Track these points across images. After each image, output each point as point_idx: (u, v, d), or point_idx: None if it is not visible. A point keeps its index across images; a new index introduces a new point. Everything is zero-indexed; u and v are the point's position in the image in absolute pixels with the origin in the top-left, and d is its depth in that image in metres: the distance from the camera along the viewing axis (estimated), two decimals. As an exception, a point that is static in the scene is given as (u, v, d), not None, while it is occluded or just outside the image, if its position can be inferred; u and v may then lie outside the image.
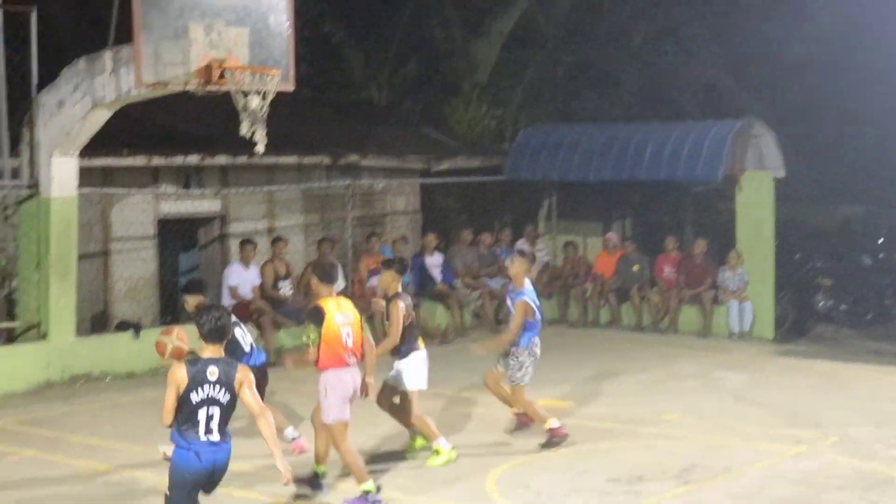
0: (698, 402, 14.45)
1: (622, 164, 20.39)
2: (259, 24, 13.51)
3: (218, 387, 8.01)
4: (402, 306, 11.45)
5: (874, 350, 18.14)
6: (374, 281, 18.11)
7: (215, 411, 8.01)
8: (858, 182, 27.54)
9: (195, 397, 7.96)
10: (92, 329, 16.77)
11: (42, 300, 15.45)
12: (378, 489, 10.32)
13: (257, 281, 17.32)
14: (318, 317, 10.22)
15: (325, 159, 19.91)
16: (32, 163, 15.40)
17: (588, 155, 20.89)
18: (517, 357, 12.19)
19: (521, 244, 21.18)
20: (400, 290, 11.63)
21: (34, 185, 15.38)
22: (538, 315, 12.26)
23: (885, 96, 26.23)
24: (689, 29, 26.10)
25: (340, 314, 10.33)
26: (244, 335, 11.23)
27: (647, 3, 26.07)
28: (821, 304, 20.58)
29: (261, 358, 11.31)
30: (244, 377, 8.13)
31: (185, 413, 7.98)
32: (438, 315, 19.59)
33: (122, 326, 12.20)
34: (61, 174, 15.27)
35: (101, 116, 14.68)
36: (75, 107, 14.61)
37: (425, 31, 26.06)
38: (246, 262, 17.47)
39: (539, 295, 12.76)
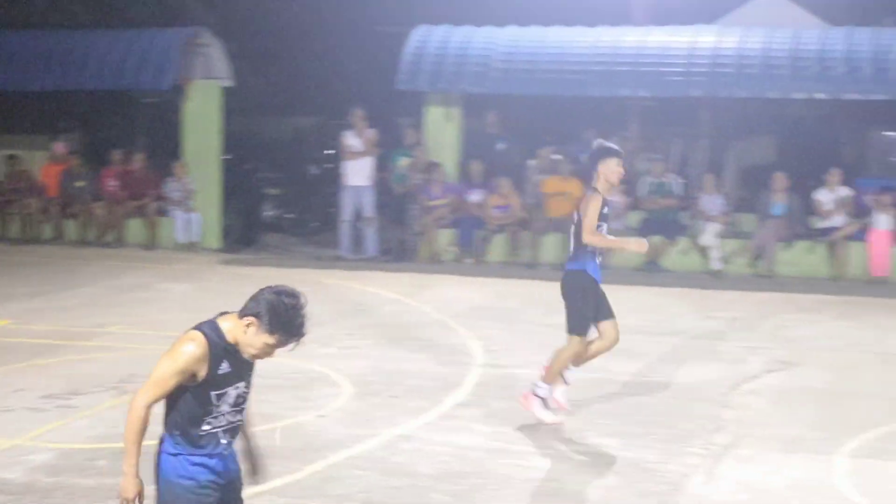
0: (142, 313, 14.32)
1: (66, 72, 19.77)
2: None
3: None
4: None
5: (316, 256, 18.70)
6: None
7: None
8: (311, 94, 28.27)
9: None
10: None
11: None
12: None
13: None
14: None
15: None
16: None
17: (29, 63, 20.03)
18: None
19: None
20: None
21: None
22: None
23: (336, 10, 27.02)
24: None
25: None
26: None
27: None
28: (268, 213, 21.00)
29: None
30: None
31: None
32: None
33: None
34: None
35: None
36: None
37: None
38: None
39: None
